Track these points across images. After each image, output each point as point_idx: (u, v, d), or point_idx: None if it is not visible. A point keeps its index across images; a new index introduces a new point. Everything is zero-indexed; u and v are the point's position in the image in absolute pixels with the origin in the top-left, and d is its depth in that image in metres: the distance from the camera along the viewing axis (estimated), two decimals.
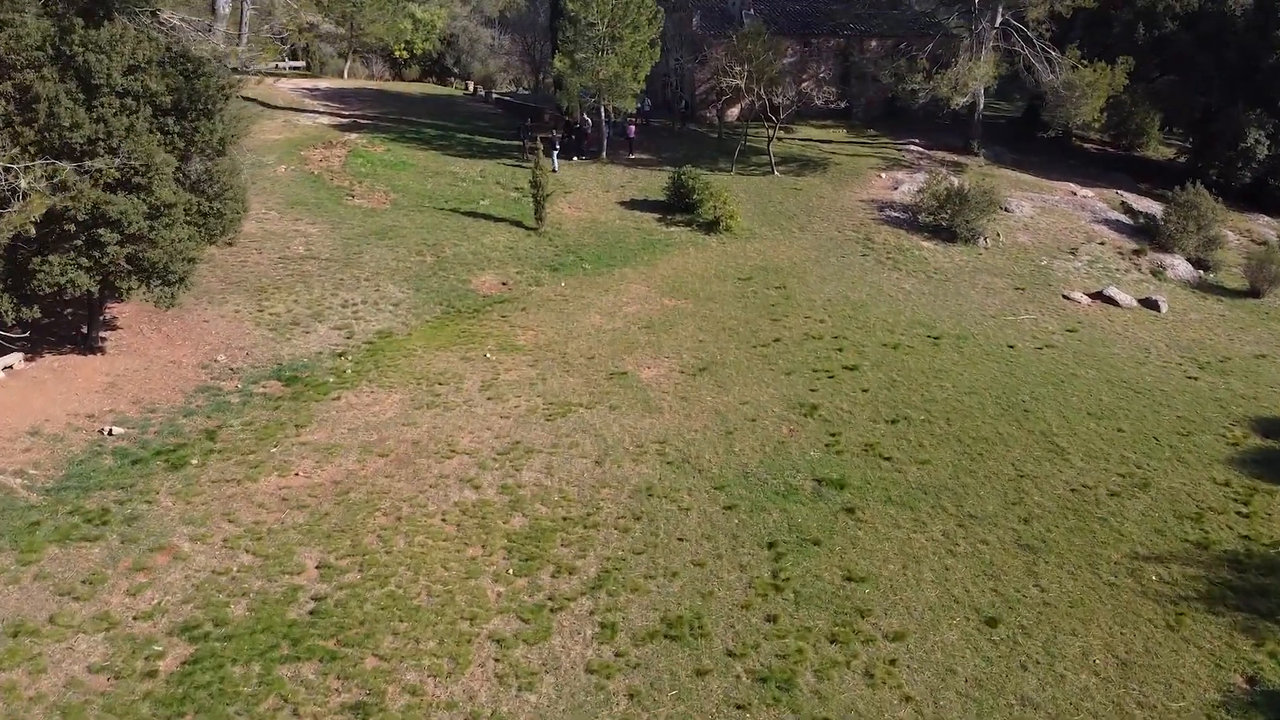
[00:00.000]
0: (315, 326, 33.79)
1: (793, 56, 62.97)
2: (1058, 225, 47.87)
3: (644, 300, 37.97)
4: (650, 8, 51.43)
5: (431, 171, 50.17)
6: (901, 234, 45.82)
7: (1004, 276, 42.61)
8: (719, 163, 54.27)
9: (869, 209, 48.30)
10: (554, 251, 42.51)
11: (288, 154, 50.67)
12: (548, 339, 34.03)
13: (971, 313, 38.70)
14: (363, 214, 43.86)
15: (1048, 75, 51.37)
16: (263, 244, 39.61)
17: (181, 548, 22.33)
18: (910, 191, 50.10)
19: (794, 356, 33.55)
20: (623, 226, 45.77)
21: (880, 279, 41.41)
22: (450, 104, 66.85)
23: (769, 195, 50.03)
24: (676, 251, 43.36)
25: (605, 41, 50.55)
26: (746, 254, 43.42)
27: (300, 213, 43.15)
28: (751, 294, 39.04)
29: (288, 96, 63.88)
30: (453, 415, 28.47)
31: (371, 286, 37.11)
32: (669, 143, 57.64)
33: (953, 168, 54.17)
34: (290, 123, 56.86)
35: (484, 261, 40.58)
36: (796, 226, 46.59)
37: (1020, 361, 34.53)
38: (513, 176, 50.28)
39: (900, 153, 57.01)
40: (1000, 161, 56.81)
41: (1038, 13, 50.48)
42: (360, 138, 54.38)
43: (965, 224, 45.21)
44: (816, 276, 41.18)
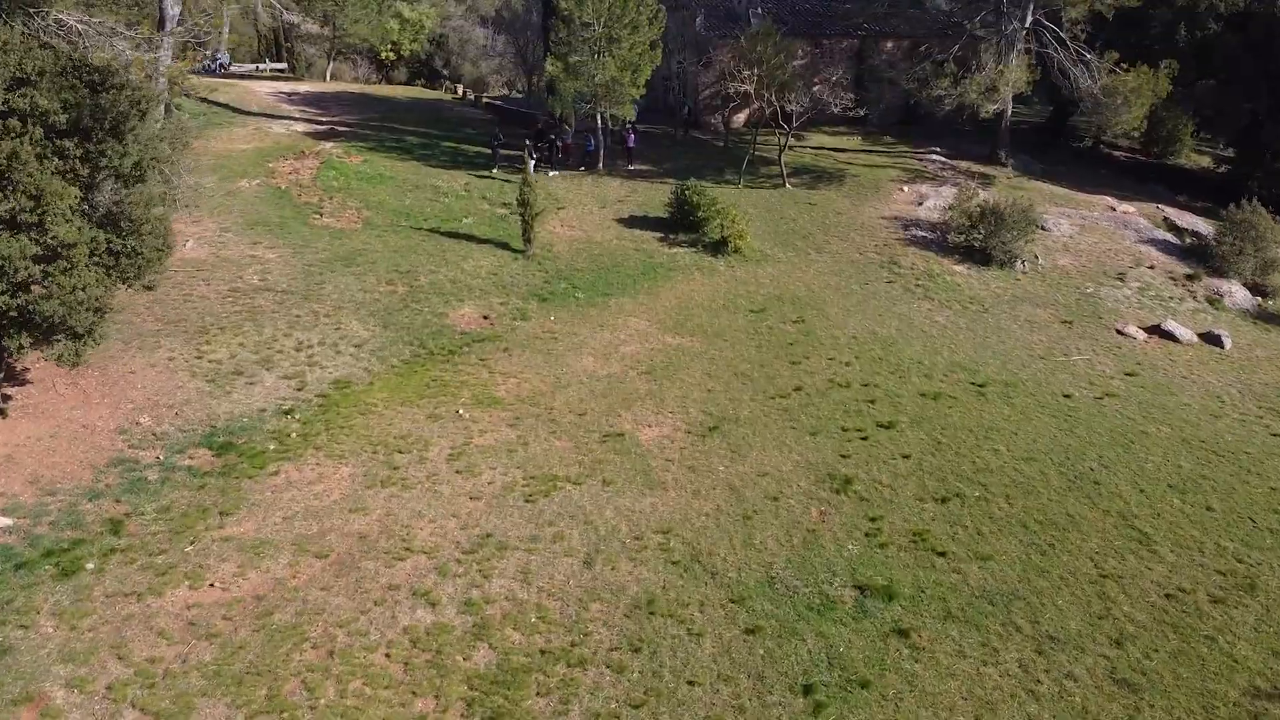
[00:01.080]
0: (261, 375, 28.33)
1: (803, 58, 57.41)
2: (1101, 246, 42.38)
3: (644, 338, 32.54)
4: (651, 6, 45.92)
5: (411, 185, 44.66)
6: (930, 257, 40.32)
7: (1048, 307, 37.14)
8: (725, 174, 48.84)
9: (892, 227, 42.79)
10: (543, 278, 37.07)
11: (254, 166, 45.17)
12: (532, 389, 28.60)
13: (1017, 352, 33.25)
14: (330, 236, 38.37)
15: (1084, 80, 45.83)
16: (212, 273, 34.13)
17: (53, 699, 16.94)
18: (936, 207, 44.61)
19: (819, 411, 28.11)
20: (620, 248, 40.32)
21: (910, 310, 35.94)
22: (437, 109, 61.28)
23: (781, 211, 44.56)
24: (681, 277, 37.93)
25: (601, 43, 45.04)
26: (758, 280, 37.97)
27: (260, 234, 37.67)
28: (766, 329, 33.60)
29: (263, 101, 58.36)
30: (412, 497, 23.04)
31: (332, 324, 31.66)
32: (671, 151, 52.13)
33: (979, 180, 48.71)
34: (262, 130, 51.34)
35: (464, 291, 35.12)
36: (813, 247, 41.11)
37: (1080, 416, 29.10)
38: (500, 191, 44.81)
39: (921, 163, 51.50)
40: (1029, 172, 51.35)
41: (1076, 13, 45.01)
42: (336, 147, 48.86)
43: (1001, 246, 39.77)
44: (838, 308, 35.72)
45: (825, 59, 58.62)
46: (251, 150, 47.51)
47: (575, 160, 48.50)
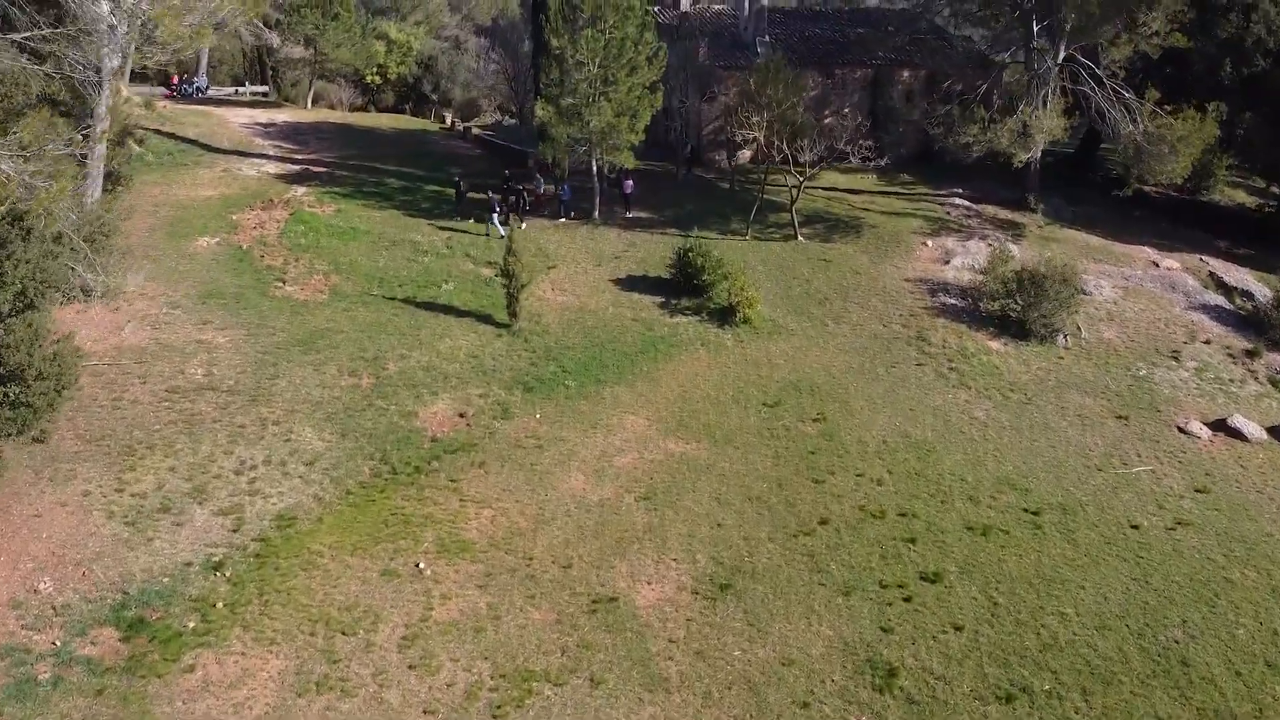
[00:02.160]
0: (192, 512, 23.48)
1: (814, 89, 52.43)
2: (1148, 315, 37.42)
3: (643, 444, 27.67)
4: (650, 44, 40.88)
5: (387, 241, 39.68)
6: (962, 330, 35.36)
7: (1098, 395, 32.22)
8: (731, 222, 43.85)
9: (917, 292, 37.81)
10: (530, 359, 32.18)
11: (216, 219, 40.20)
12: (509, 526, 23.75)
13: (1070, 462, 28.37)
14: (291, 311, 33.44)
15: (1126, 125, 40.74)
16: (151, 366, 29.22)
17: None
18: (965, 267, 39.65)
19: (850, 555, 23.26)
20: (617, 317, 35.40)
21: (945, 402, 31.03)
22: (423, 143, 56.17)
23: (793, 269, 39.56)
24: (684, 355, 33.07)
25: (597, 85, 39.99)
26: (771, 358, 33.08)
27: (213, 310, 32.75)
28: (783, 431, 28.71)
29: (235, 135, 53.29)
30: (353, 709, 18.16)
31: (282, 434, 26.77)
32: (673, 195, 47.07)
33: (1008, 230, 43.71)
34: (230, 172, 46.34)
35: (438, 381, 30.23)
36: (830, 316, 36.16)
37: (1153, 556, 24.28)
38: (485, 248, 39.86)
39: (943, 208, 46.45)
40: (1060, 217, 46.31)
41: (1120, 54, 39.92)
42: (308, 194, 43.85)
43: (1041, 320, 34.77)
44: (864, 398, 30.82)
45: (838, 90, 53.62)
46: (216, 199, 42.52)
47: (550, 210, 43.42)
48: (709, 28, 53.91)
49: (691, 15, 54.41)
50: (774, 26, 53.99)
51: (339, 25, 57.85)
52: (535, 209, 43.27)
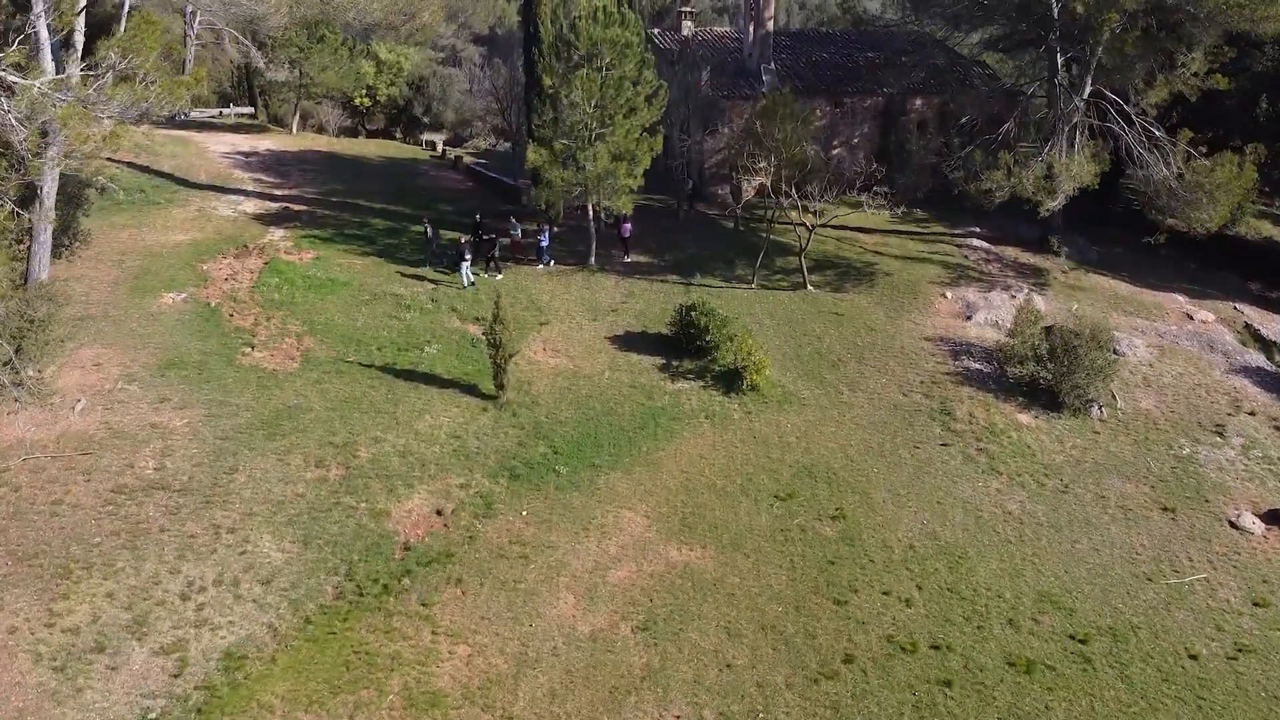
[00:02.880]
0: (129, 652, 20.26)
1: (822, 119, 49.15)
2: (1187, 380, 34.14)
3: (641, 550, 24.42)
4: (650, 83, 37.51)
5: (368, 294, 36.37)
6: (989, 401, 32.07)
7: (1139, 480, 28.96)
8: (736, 267, 40.58)
9: (938, 354, 34.52)
10: (518, 437, 28.94)
11: (185, 269, 36.91)
12: (487, 671, 20.52)
13: (1116, 569, 25.15)
14: (257, 383, 30.15)
15: (1159, 169, 37.38)
16: (98, 458, 25.94)
17: None
18: (988, 322, 36.38)
19: (879, 706, 20.07)
20: (614, 383, 32.14)
21: (975, 492, 27.78)
22: (411, 174, 52.78)
23: (804, 324, 36.30)
24: (687, 432, 29.81)
25: (592, 127, 36.67)
26: (782, 435, 29.84)
27: (171, 385, 29.47)
28: (798, 532, 25.47)
29: (214, 166, 49.96)
30: None
31: (237, 544, 23.52)
32: (673, 235, 43.79)
33: (1031, 278, 40.45)
34: (204, 212, 43.01)
35: (415, 469, 26.99)
36: (845, 382, 32.89)
37: (1216, 697, 21.16)
38: (472, 301, 36.60)
39: (961, 250, 43.16)
40: (1085, 260, 43.08)
41: (1156, 97, 36.54)
42: (286, 237, 40.56)
43: (1075, 390, 31.48)
44: (886, 488, 27.58)
45: (846, 119, 50.37)
46: (186, 244, 39.21)
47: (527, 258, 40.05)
48: (711, 53, 50.52)
49: (693, 40, 50.97)
50: (780, 51, 50.66)
51: (325, 47, 54.43)
52: (512, 257, 39.85)
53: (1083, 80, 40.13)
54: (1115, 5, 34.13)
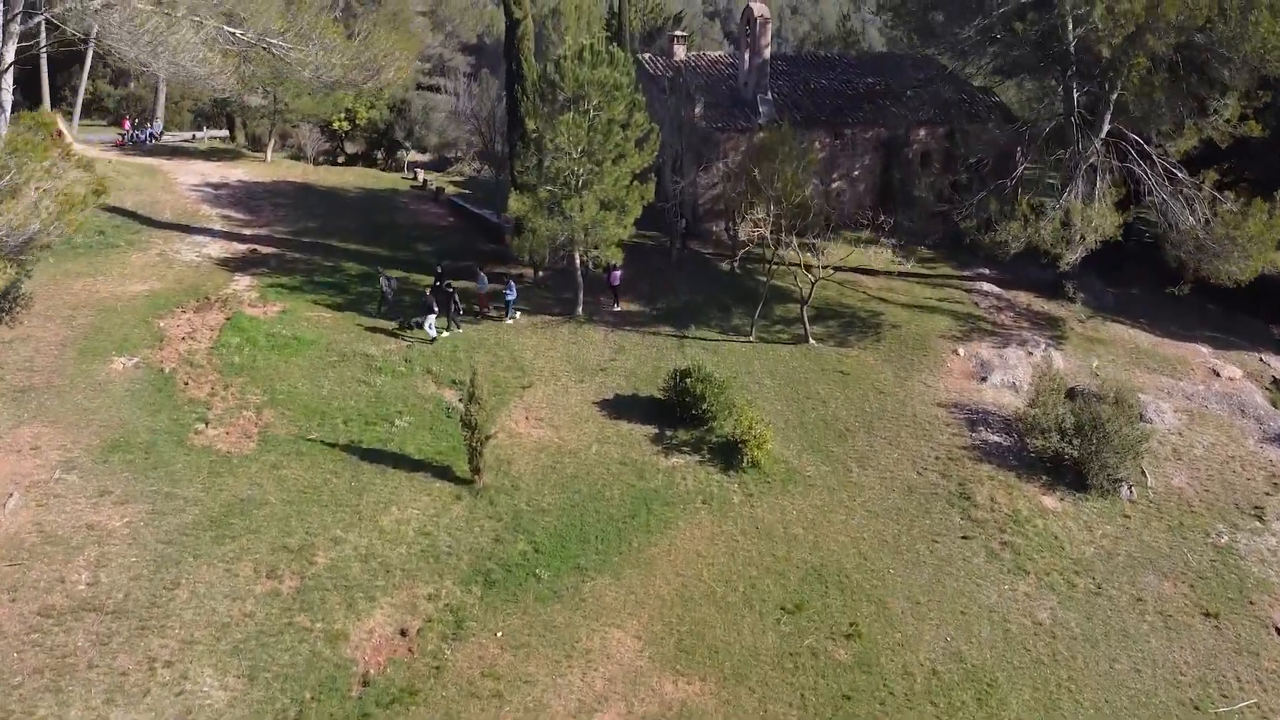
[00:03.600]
0: None
1: (821, 150, 45.96)
2: (1220, 451, 31.16)
3: (632, 684, 21.31)
4: (641, 126, 34.30)
5: (336, 354, 33.09)
6: (1011, 481, 29.01)
7: (1178, 578, 25.98)
8: (733, 316, 37.45)
9: (953, 422, 31.42)
10: (495, 532, 25.78)
11: (140, 326, 33.57)
12: None
13: (1160, 695, 22.31)
14: (209, 470, 26.89)
15: (1185, 218, 34.30)
16: (26, 570, 22.75)
17: None
18: (1005, 384, 33.32)
19: None
20: (602, 459, 28.98)
21: (1001, 598, 24.74)
22: (390, 208, 49.40)
23: (807, 386, 33.17)
24: (682, 520, 26.74)
25: (579, 175, 33.46)
26: (787, 525, 26.76)
27: (114, 473, 26.21)
28: (808, 657, 22.45)
29: (181, 200, 46.57)
30: None
31: (173, 682, 20.32)
32: (666, 279, 40.57)
33: (1046, 329, 37.41)
34: (167, 256, 39.65)
35: (378, 577, 23.81)
36: (854, 457, 29.78)
37: None
38: (449, 360, 33.41)
39: (971, 296, 40.05)
40: (1102, 306, 40.02)
41: (1186, 144, 33.41)
42: (252, 286, 37.25)
43: (1102, 469, 28.43)
44: (904, 595, 24.53)
45: (847, 151, 47.14)
46: (144, 297, 35.84)
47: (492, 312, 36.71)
48: (705, 81, 47.29)
49: (686, 67, 47.76)
50: (776, 77, 47.40)
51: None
52: (479, 311, 36.52)
53: (1100, 118, 37.01)
54: (1143, 47, 30.97)
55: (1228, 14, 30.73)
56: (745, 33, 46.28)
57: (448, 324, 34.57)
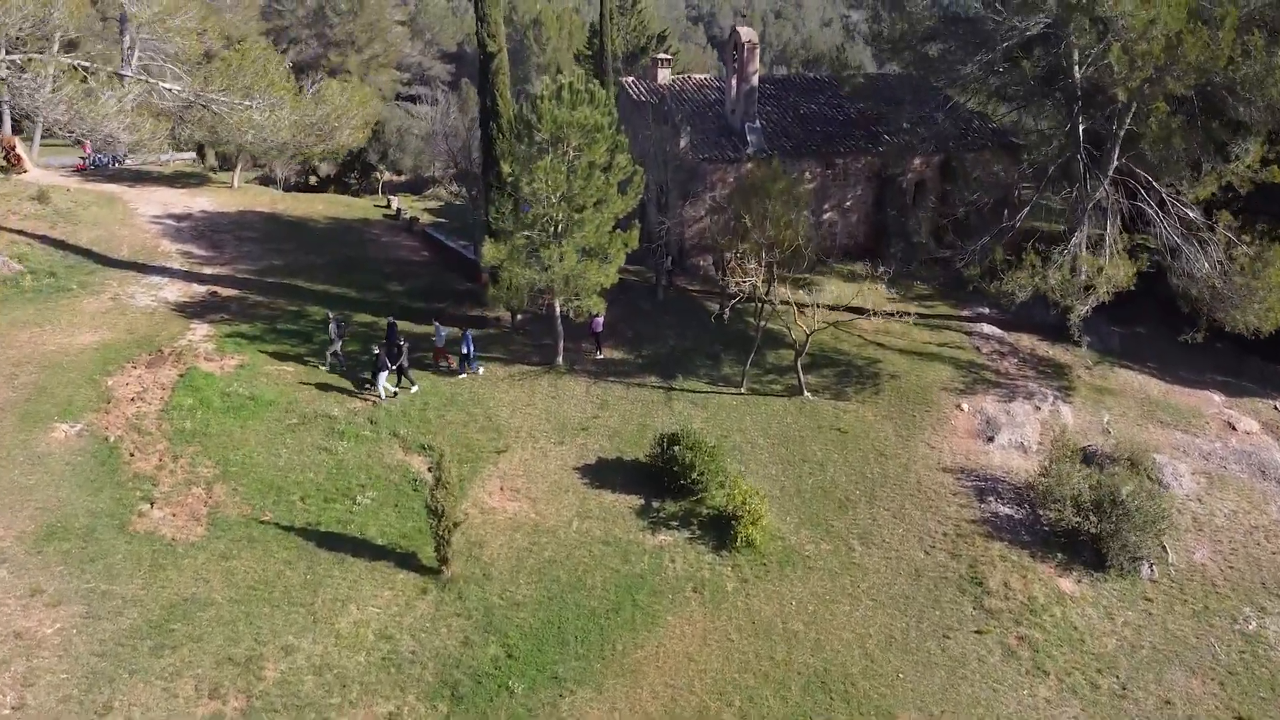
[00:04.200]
0: None
1: (812, 181, 43.52)
2: (1241, 520, 28.88)
3: None
4: (624, 169, 31.62)
5: (296, 416, 30.38)
6: (1025, 561, 26.60)
7: (1206, 674, 23.69)
8: (722, 364, 34.93)
9: (960, 490, 28.97)
10: (464, 632, 23.24)
11: (86, 386, 30.76)
12: None
13: None
14: (151, 562, 24.18)
15: (1200, 264, 31.89)
16: None
17: None
18: (1013, 444, 30.94)
19: None
20: (583, 540, 26.40)
21: (1021, 707, 22.39)
22: (361, 240, 46.54)
23: (803, 445, 30.68)
24: (671, 614, 24.28)
25: (558, 219, 30.80)
26: (787, 620, 24.34)
27: (49, 566, 23.54)
28: None
29: (140, 236, 43.66)
30: None
31: None
32: (651, 321, 37.96)
33: (1053, 379, 35.06)
34: (120, 301, 36.79)
35: (332, 694, 21.18)
36: (856, 533, 27.29)
37: None
38: (419, 423, 30.76)
39: (971, 339, 37.60)
40: (1108, 348, 37.65)
41: (1204, 192, 30.97)
42: (209, 336, 34.45)
43: (1122, 549, 25.99)
44: (916, 707, 22.25)
45: (838, 181, 44.57)
46: (93, 349, 33.01)
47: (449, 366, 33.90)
48: (691, 107, 44.64)
49: (670, 90, 45.14)
50: (764, 101, 44.74)
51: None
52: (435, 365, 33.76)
53: (1108, 153, 34.56)
54: (1162, 90, 28.48)
55: (1251, 53, 28.26)
56: (732, 58, 43.59)
57: (398, 380, 31.84)
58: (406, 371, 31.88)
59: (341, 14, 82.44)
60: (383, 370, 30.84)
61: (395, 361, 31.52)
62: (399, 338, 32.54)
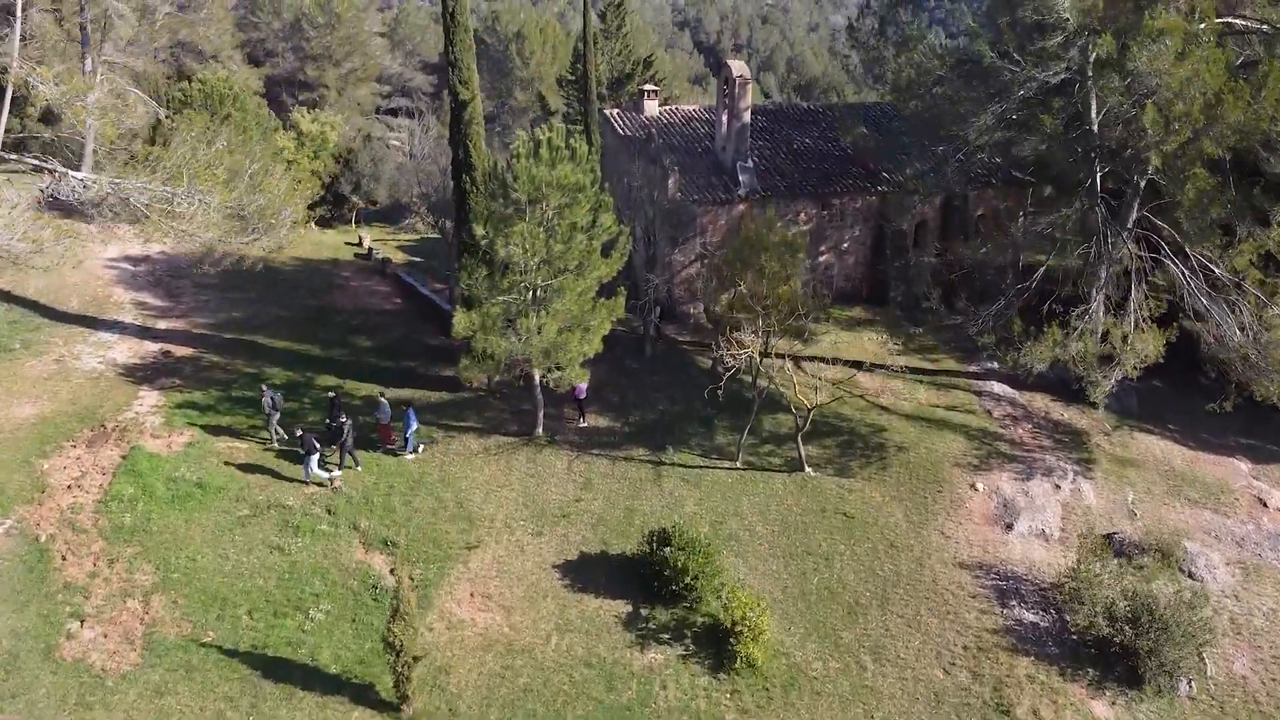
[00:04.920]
0: None
1: (807, 223, 40.51)
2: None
3: None
4: (609, 230, 28.50)
5: (248, 506, 27.21)
6: (1053, 679, 23.65)
7: None
8: (716, 431, 31.93)
9: (980, 592, 26.00)
10: None
11: (20, 469, 27.65)
12: None
13: None
14: (77, 699, 21.17)
15: (1233, 332, 28.91)
16: None
17: None
18: (1033, 532, 27.99)
19: None
20: (563, 663, 23.34)
21: None
22: (329, 285, 43.15)
23: (807, 535, 27.67)
24: None
25: (536, 284, 27.62)
26: None
27: None
28: None
29: (93, 282, 40.23)
30: None
31: None
32: (638, 380, 34.88)
33: (1070, 449, 32.11)
34: (66, 362, 33.47)
35: None
36: (867, 646, 24.32)
37: None
38: (383, 508, 27.56)
39: (980, 399, 34.64)
40: (1125, 408, 34.64)
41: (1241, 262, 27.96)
42: (157, 408, 31.24)
43: (1160, 666, 23.03)
44: None
45: (835, 222, 41.52)
46: (30, 424, 29.75)
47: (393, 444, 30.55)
48: (680, 141, 41.51)
49: (658, 124, 41.98)
50: (756, 136, 41.57)
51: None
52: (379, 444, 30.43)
53: (1128, 205, 31.59)
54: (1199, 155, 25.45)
55: None
56: (723, 93, 40.42)
57: (341, 459, 28.60)
58: (352, 452, 28.66)
59: (318, 27, 78.68)
60: (311, 454, 27.54)
61: (337, 440, 28.33)
62: (341, 413, 29.33)
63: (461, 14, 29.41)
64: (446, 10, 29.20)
